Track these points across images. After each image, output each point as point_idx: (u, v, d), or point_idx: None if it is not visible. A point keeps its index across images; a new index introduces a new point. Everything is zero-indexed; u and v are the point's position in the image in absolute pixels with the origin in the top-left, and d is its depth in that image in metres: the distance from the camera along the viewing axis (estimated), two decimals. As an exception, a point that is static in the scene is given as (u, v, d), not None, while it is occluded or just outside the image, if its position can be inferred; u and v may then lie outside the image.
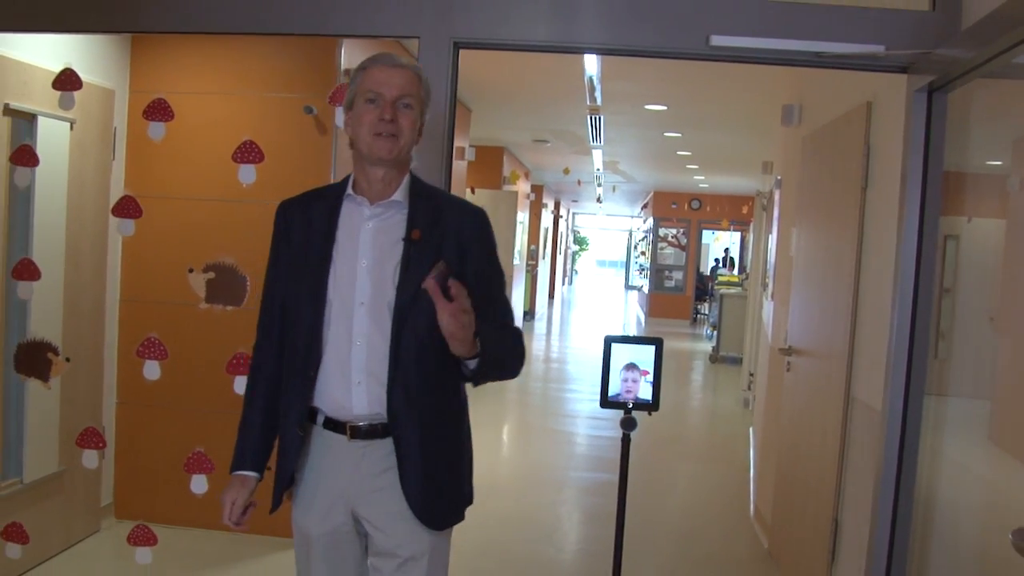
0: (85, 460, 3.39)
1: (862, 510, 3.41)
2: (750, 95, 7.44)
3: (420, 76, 2.38)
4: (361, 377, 2.32)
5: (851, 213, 3.89)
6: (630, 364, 3.41)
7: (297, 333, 2.38)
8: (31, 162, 3.29)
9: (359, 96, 2.35)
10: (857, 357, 3.81)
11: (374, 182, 2.37)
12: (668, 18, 2.85)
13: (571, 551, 5.49)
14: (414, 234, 2.33)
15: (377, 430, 2.34)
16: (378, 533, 2.38)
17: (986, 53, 2.35)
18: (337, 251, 2.36)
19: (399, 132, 2.32)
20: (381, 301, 2.32)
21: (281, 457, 2.44)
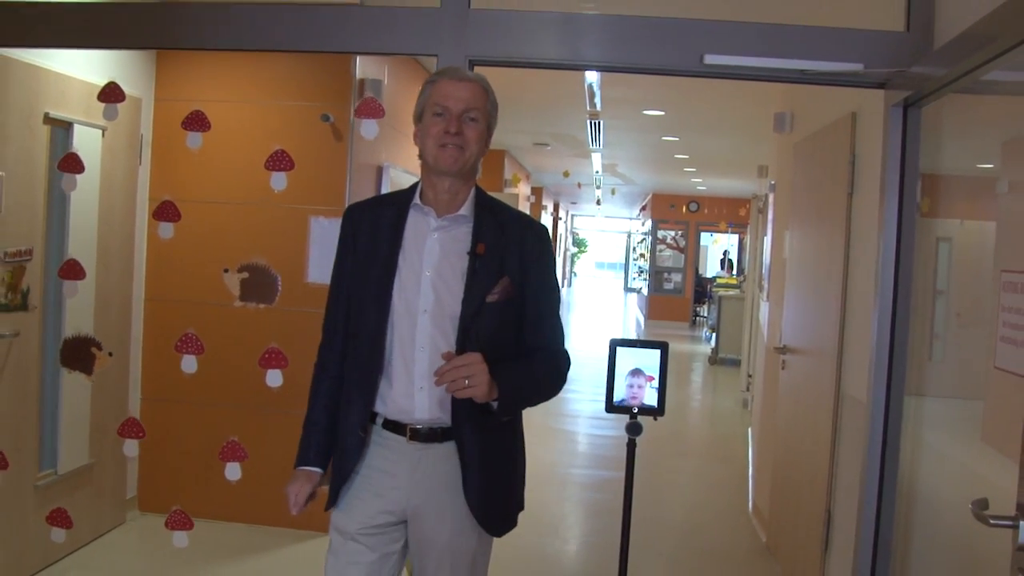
0: (126, 449, 3.61)
1: (853, 501, 3.63)
2: (744, 101, 7.65)
3: (487, 90, 2.47)
4: (424, 383, 2.37)
5: (839, 217, 4.12)
6: (635, 370, 3.40)
7: (361, 336, 2.44)
8: (77, 169, 3.52)
9: (427, 109, 2.42)
10: (846, 354, 4.03)
11: (440, 193, 2.43)
12: (665, 38, 3.08)
13: (577, 544, 5.71)
14: (479, 248, 2.39)
15: (437, 434, 2.40)
16: (430, 531, 2.42)
17: (957, 71, 2.57)
18: (403, 259, 2.42)
19: (465, 144, 2.38)
20: (444, 311, 2.37)
21: (340, 457, 2.48)
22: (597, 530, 5.89)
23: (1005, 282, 2.35)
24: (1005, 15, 2.11)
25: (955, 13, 2.88)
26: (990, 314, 3.01)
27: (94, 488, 4.70)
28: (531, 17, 3.13)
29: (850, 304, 4.03)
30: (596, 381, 12.22)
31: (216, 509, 5.01)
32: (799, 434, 4.78)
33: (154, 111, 5.12)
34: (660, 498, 6.49)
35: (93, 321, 4.47)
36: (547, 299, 2.52)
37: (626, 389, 3.39)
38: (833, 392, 4.10)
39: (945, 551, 3.19)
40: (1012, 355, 2.22)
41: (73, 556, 4.53)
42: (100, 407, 4.68)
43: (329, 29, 3.25)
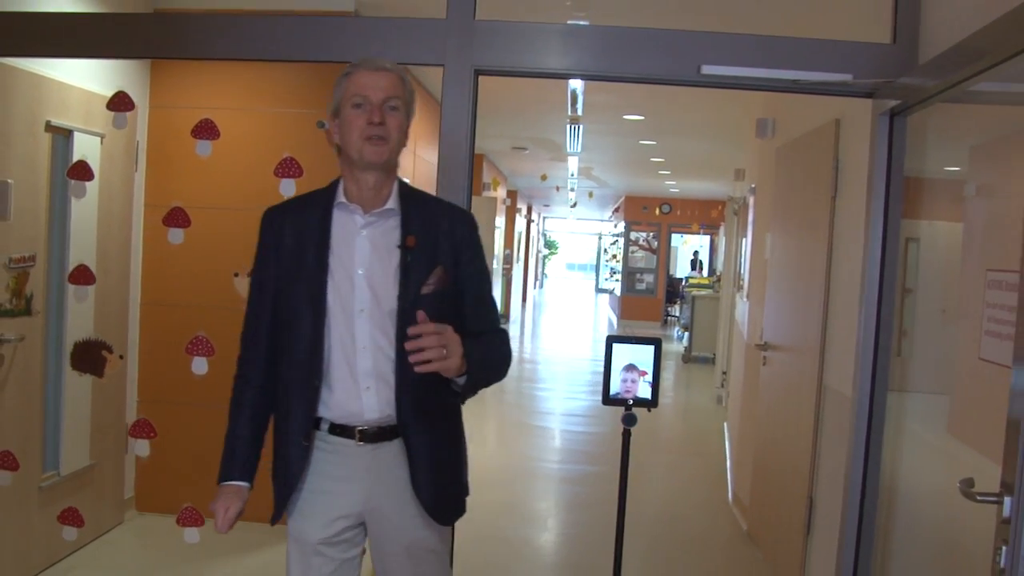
0: (137, 449, 3.69)
1: (834, 487, 3.78)
2: (723, 107, 7.82)
3: (404, 78, 2.41)
4: (370, 382, 2.34)
5: (822, 220, 4.28)
6: (629, 365, 3.55)
7: (297, 343, 2.37)
8: (86, 176, 3.61)
9: (345, 102, 2.37)
10: (828, 349, 4.19)
11: (365, 188, 2.38)
12: (664, 49, 3.21)
13: (562, 535, 5.86)
14: (409, 240, 2.36)
15: (386, 432, 2.36)
16: (389, 529, 2.42)
17: (945, 83, 2.71)
18: (334, 259, 2.36)
19: (388, 135, 2.33)
20: (381, 307, 2.34)
21: (284, 468, 2.41)
22: (580, 522, 6.05)
23: (991, 280, 2.51)
24: (995, 31, 2.26)
25: (939, 27, 3.04)
26: (961, 311, 3.18)
27: (94, 489, 4.77)
28: (535, 28, 3.25)
29: (833, 303, 4.19)
30: (570, 380, 12.41)
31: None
32: (780, 426, 4.94)
33: (149, 118, 5.19)
34: (641, 491, 6.63)
35: (93, 325, 4.54)
36: (482, 284, 2.50)
37: (620, 383, 3.53)
38: (815, 386, 4.26)
39: (920, 531, 3.35)
40: (996, 348, 2.38)
41: (76, 555, 4.60)
42: (100, 409, 4.75)
43: (337, 39, 3.35)
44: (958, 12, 2.92)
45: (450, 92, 3.23)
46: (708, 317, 13.77)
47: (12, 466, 3.65)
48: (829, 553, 3.71)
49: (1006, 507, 2.00)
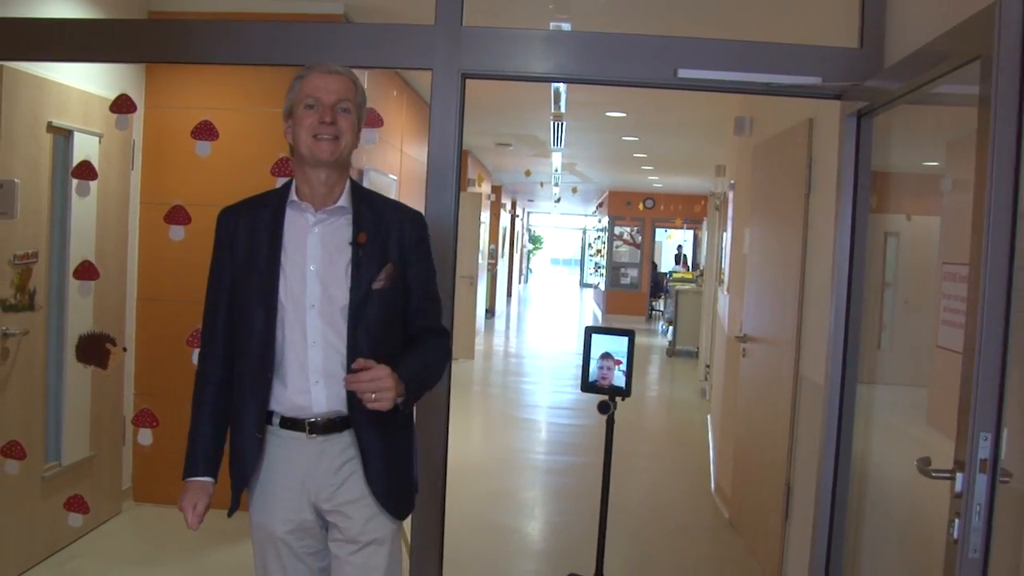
0: (140, 438, 3.84)
1: (811, 474, 3.94)
2: (704, 104, 7.97)
3: (356, 82, 2.49)
4: (319, 377, 2.39)
5: (797, 215, 4.45)
6: (605, 354, 3.73)
7: (250, 339, 2.42)
8: (90, 176, 3.74)
9: (298, 103, 2.43)
10: (804, 340, 4.36)
11: (317, 186, 2.43)
12: (642, 54, 3.37)
13: (548, 523, 6.03)
14: (361, 238, 2.41)
15: (336, 424, 2.41)
16: (342, 520, 2.45)
17: (908, 86, 2.87)
18: (285, 257, 2.42)
19: (339, 134, 2.39)
20: (331, 303, 2.40)
21: (237, 461, 2.47)
22: (565, 510, 6.24)
23: (946, 272, 2.67)
24: (953, 38, 2.42)
25: (904, 32, 3.20)
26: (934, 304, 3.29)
27: (94, 479, 4.90)
28: (519, 34, 3.41)
29: (807, 295, 4.35)
30: (554, 373, 12.57)
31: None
32: (760, 415, 5.12)
33: (145, 118, 5.32)
34: (625, 481, 6.80)
35: (92, 320, 4.67)
36: (429, 282, 2.57)
37: (597, 371, 3.68)
38: (792, 375, 4.43)
39: (894, 518, 3.50)
40: (951, 335, 2.54)
41: (77, 544, 4.73)
42: (98, 402, 4.88)
43: (331, 45, 3.48)
44: (921, 18, 3.08)
45: (438, 95, 3.38)
46: (691, 311, 13.95)
47: (20, 455, 3.79)
48: (807, 537, 3.86)
49: (958, 483, 2.16)
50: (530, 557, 5.34)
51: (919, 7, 3.15)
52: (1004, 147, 2.11)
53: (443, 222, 3.37)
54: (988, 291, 2.10)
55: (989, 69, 2.16)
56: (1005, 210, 2.10)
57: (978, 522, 2.11)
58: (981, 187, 2.15)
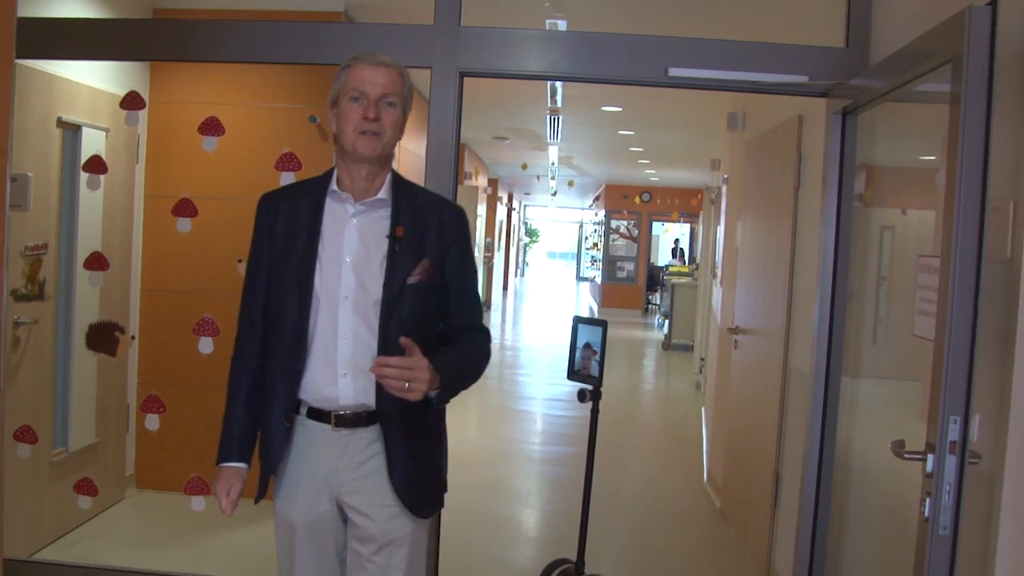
0: (147, 423, 3.95)
1: (799, 463, 4.05)
2: (698, 100, 8.07)
3: (403, 74, 2.44)
4: (347, 369, 2.36)
5: (786, 209, 4.56)
6: (587, 344, 3.79)
7: (283, 326, 2.40)
8: (101, 170, 3.85)
9: (344, 94, 2.39)
10: (793, 332, 4.48)
11: (358, 179, 2.40)
12: (634, 53, 3.48)
13: (542, 511, 6.16)
14: (398, 231, 2.38)
15: (361, 418, 2.38)
16: (361, 519, 2.41)
17: (889, 84, 2.98)
18: (322, 246, 2.39)
19: (382, 130, 2.35)
20: (365, 296, 2.36)
21: (266, 448, 2.46)
22: (559, 499, 6.36)
23: (921, 265, 2.79)
24: (933, 38, 2.53)
25: (888, 32, 3.32)
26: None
27: (99, 465, 5.02)
28: (516, 34, 3.52)
29: (796, 287, 4.47)
30: (550, 366, 12.69)
31: (193, 488, 5.33)
32: (751, 405, 5.24)
33: (149, 113, 5.41)
34: (620, 472, 6.93)
35: (99, 310, 4.78)
36: (468, 279, 2.53)
37: (580, 360, 3.80)
38: (781, 366, 4.55)
39: (879, 506, 3.61)
40: (924, 324, 2.66)
41: (83, 527, 4.85)
42: (104, 390, 5.00)
43: (333, 43, 3.60)
44: (905, 18, 3.19)
45: (437, 92, 3.50)
46: (687, 305, 14.05)
47: (31, 439, 3.90)
48: (795, 525, 3.98)
49: (929, 463, 2.28)
50: (524, 544, 5.46)
51: (903, 7, 3.26)
52: (973, 144, 2.23)
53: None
54: (957, 281, 2.22)
55: (960, 70, 2.27)
56: (974, 204, 2.22)
57: (948, 501, 2.23)
58: (952, 182, 2.27)
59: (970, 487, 2.26)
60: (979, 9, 2.22)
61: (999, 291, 2.34)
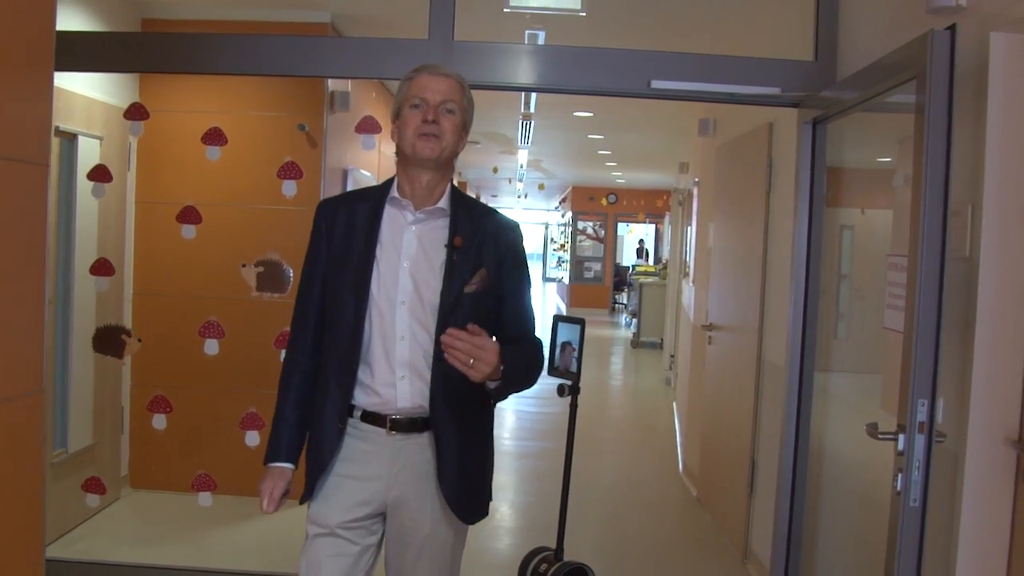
0: (155, 422, 4.10)
1: (774, 449, 4.27)
2: (668, 105, 8.26)
3: (463, 86, 2.51)
4: (405, 372, 2.39)
5: (758, 212, 4.80)
6: (566, 342, 4.06)
7: (340, 329, 2.43)
8: (106, 178, 4.00)
9: (405, 104, 2.44)
10: (766, 326, 4.71)
11: (418, 186, 2.44)
12: (618, 67, 3.70)
13: (519, 503, 6.38)
14: (457, 240, 2.41)
15: (417, 424, 2.41)
16: (409, 522, 2.45)
17: (859, 97, 3.20)
18: (380, 251, 2.42)
19: (441, 133, 2.39)
20: (422, 301, 2.39)
21: (316, 449, 2.47)
22: (538, 491, 6.57)
23: (890, 263, 3.02)
24: (898, 56, 2.75)
25: (854, 46, 3.56)
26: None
27: (96, 467, 5.14)
28: (506, 49, 3.72)
29: (768, 285, 4.71)
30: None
31: (200, 484, 5.48)
32: (726, 397, 5.47)
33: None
34: (595, 464, 7.16)
35: (95, 314, 4.92)
36: (523, 292, 2.57)
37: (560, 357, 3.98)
38: (755, 359, 4.78)
39: (846, 488, 3.83)
40: (893, 317, 2.90)
41: (83, 526, 4.99)
42: (99, 393, 5.14)
43: (331, 56, 3.77)
44: (869, 33, 3.44)
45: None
46: (655, 303, 14.30)
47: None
48: (771, 509, 4.17)
49: (900, 442, 2.51)
50: (504, 534, 5.64)
51: (867, 23, 3.50)
52: (936, 152, 2.47)
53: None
54: (923, 277, 2.46)
55: (924, 85, 2.51)
56: (937, 207, 2.46)
57: (917, 476, 2.46)
58: (917, 187, 2.50)
59: (937, 463, 2.49)
60: (940, 32, 2.46)
61: (960, 286, 2.58)
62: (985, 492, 2.54)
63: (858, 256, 4.01)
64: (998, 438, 2.53)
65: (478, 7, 3.96)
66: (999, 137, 2.51)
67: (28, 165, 2.33)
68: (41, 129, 2.43)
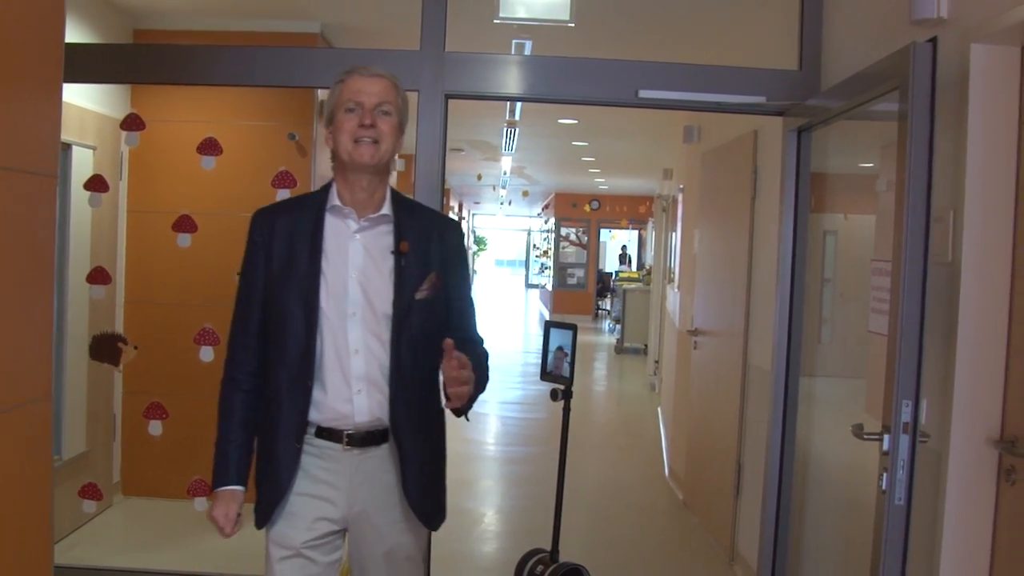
0: (151, 429, 4.14)
1: (760, 451, 4.34)
2: (652, 112, 8.34)
3: (397, 85, 2.43)
4: (361, 386, 2.34)
5: (743, 218, 4.88)
6: (559, 347, 4.10)
7: (289, 345, 2.35)
8: (103, 188, 4.05)
9: (339, 108, 2.37)
10: (751, 331, 4.79)
11: (358, 192, 2.38)
12: (606, 77, 3.77)
13: (507, 507, 6.47)
14: (403, 246, 2.37)
15: (375, 436, 2.37)
16: (373, 536, 2.41)
17: (844, 106, 3.28)
18: (326, 262, 2.36)
19: (380, 137, 2.33)
20: (373, 311, 2.35)
21: (273, 473, 2.38)
22: (523, 495, 6.67)
23: (874, 268, 3.11)
24: (882, 67, 2.84)
25: (837, 57, 3.64)
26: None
27: (89, 474, 5.17)
28: (496, 59, 3.80)
29: (754, 290, 4.79)
30: (503, 371, 12.94)
31: (196, 490, 5.51)
32: (712, 401, 5.55)
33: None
34: (583, 468, 7.21)
35: (88, 322, 4.95)
36: (468, 290, 2.57)
37: (552, 361, 4.04)
38: (741, 363, 4.86)
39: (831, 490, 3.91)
40: (877, 320, 2.98)
41: (76, 533, 5.01)
42: (92, 400, 5.17)
43: (324, 67, 3.82)
44: (851, 43, 3.53)
45: (424, 113, 3.75)
46: (639, 309, 14.40)
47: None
48: (757, 510, 4.23)
49: (885, 442, 2.59)
50: (492, 538, 5.71)
51: (850, 34, 3.59)
52: (919, 160, 2.55)
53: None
54: (907, 282, 2.54)
55: (907, 95, 2.59)
56: (920, 213, 2.54)
57: (902, 475, 2.54)
58: (901, 194, 2.58)
59: (921, 463, 2.57)
60: (922, 44, 2.54)
61: (943, 290, 2.67)
62: (968, 491, 2.61)
63: (841, 261, 4.07)
64: (980, 438, 2.61)
65: (467, 17, 4.02)
66: (980, 145, 2.59)
67: (37, 176, 2.38)
68: (49, 140, 2.48)
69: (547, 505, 4.06)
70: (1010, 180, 2.58)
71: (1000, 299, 2.60)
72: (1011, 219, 2.58)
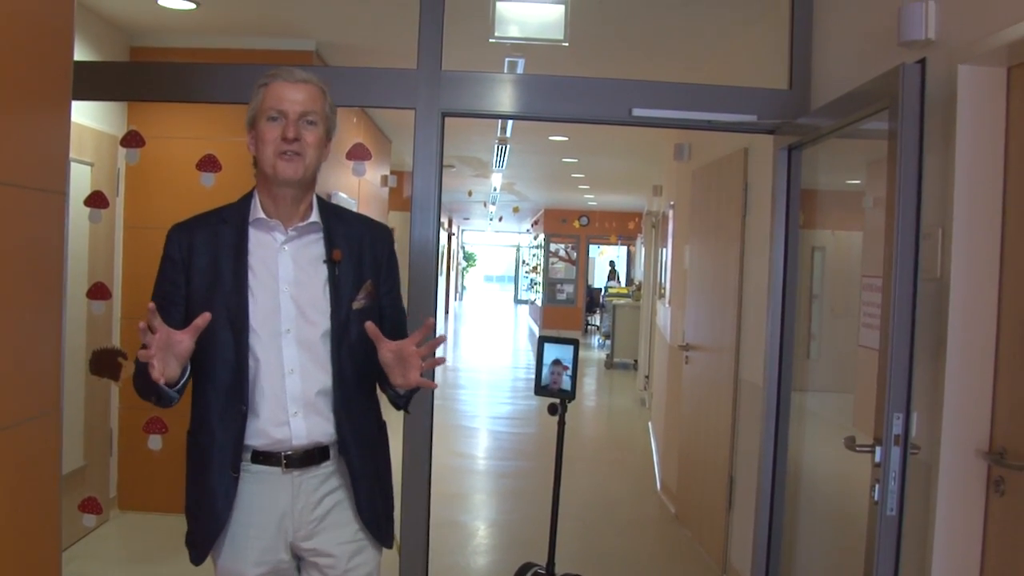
0: (151, 443, 4.16)
1: (752, 466, 4.40)
2: (643, 130, 8.45)
3: (324, 91, 2.31)
4: (298, 408, 2.23)
5: (734, 235, 4.95)
6: (556, 360, 4.14)
7: (219, 369, 2.23)
8: (102, 204, 4.09)
9: (261, 114, 2.26)
10: (743, 346, 4.85)
11: (283, 204, 2.27)
12: (600, 95, 3.83)
13: (499, 520, 6.48)
14: (336, 254, 2.28)
15: (313, 456, 2.26)
16: (325, 560, 2.30)
17: (835, 124, 3.34)
18: (254, 278, 2.24)
19: (303, 151, 2.22)
20: (310, 326, 2.25)
21: (209, 505, 2.25)
22: (515, 509, 6.71)
23: (865, 284, 3.17)
24: (872, 88, 2.90)
25: (827, 76, 3.72)
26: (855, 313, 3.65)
27: (86, 489, 5.19)
28: (492, 78, 3.85)
29: (745, 305, 4.85)
30: (494, 386, 13.02)
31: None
32: (703, 416, 5.60)
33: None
34: (574, 482, 7.21)
35: (86, 336, 4.99)
36: (399, 297, 2.48)
37: (548, 376, 4.08)
38: (732, 379, 4.92)
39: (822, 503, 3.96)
40: (868, 335, 3.04)
41: (73, 548, 5.03)
42: (88, 415, 5.19)
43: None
44: (839, 63, 3.60)
45: (421, 131, 3.80)
46: (629, 325, 14.45)
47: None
48: (749, 523, 4.29)
49: (877, 454, 2.64)
50: (484, 552, 5.74)
51: (839, 54, 3.66)
52: (908, 178, 2.62)
53: (427, 250, 3.79)
54: (897, 297, 2.60)
55: (896, 114, 2.66)
56: (910, 230, 2.61)
57: (893, 486, 2.60)
58: (891, 211, 2.65)
59: (911, 475, 2.63)
60: (911, 66, 2.61)
61: (932, 305, 2.73)
62: (958, 501, 2.67)
63: (829, 277, 4.12)
64: (970, 450, 2.67)
65: (461, 37, 4.08)
66: (968, 163, 2.67)
67: (46, 194, 2.43)
68: (58, 158, 2.53)
69: (539, 519, 4.08)
70: (997, 197, 2.65)
71: (988, 313, 2.66)
72: (998, 236, 2.65)
